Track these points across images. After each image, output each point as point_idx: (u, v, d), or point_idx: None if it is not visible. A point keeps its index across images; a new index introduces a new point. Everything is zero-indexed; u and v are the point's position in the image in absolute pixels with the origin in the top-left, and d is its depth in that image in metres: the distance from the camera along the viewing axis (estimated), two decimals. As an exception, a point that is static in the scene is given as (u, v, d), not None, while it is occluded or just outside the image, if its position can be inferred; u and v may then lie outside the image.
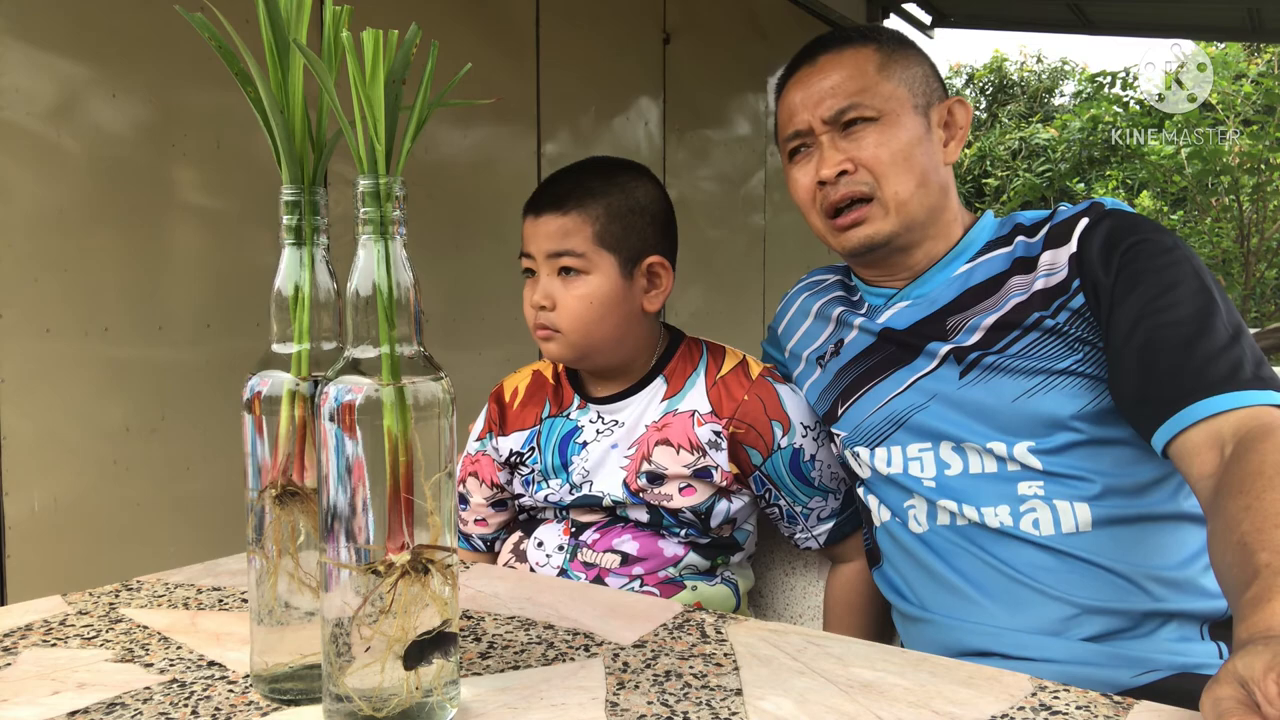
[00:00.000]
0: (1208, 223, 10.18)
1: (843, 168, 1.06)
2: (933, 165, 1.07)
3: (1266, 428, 0.82)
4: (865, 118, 1.05)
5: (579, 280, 1.14)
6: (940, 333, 1.06)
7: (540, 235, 1.15)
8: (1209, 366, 0.88)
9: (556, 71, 3.49)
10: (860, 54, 1.08)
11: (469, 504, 1.29)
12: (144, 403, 2.25)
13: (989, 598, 0.99)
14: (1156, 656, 0.92)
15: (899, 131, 1.05)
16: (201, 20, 0.66)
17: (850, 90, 1.06)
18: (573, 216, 1.13)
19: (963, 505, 1.01)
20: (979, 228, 1.10)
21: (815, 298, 1.22)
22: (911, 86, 1.08)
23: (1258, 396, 0.85)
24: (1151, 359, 0.92)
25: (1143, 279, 0.95)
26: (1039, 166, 11.53)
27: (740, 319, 4.62)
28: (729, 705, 0.66)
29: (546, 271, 1.15)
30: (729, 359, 1.21)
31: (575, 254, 1.13)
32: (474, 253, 3.12)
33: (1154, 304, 0.93)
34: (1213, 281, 0.96)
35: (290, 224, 0.68)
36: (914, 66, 1.09)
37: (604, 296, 1.14)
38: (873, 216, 1.06)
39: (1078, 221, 1.02)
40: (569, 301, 1.14)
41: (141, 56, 2.21)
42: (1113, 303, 0.96)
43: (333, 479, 0.61)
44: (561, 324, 1.14)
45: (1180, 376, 0.89)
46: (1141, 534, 0.96)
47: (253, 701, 0.68)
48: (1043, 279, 1.02)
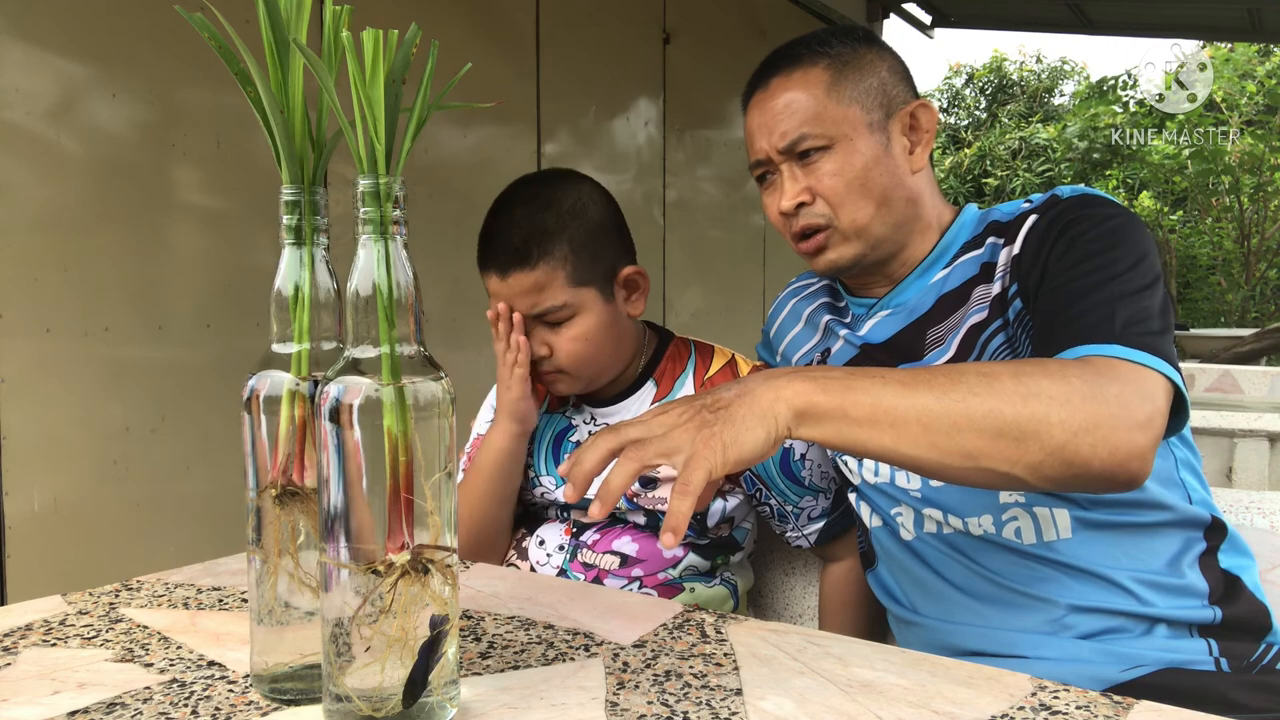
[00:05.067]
0: (1208, 223, 10.18)
1: (799, 199, 1.04)
2: (894, 181, 1.03)
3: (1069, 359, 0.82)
4: (817, 147, 1.02)
5: (567, 324, 1.12)
6: (919, 347, 1.05)
7: (514, 295, 1.12)
8: (1077, 322, 0.87)
9: (556, 71, 3.49)
10: (809, 76, 1.04)
11: None
12: (144, 403, 2.25)
13: (979, 602, 0.99)
14: (1146, 653, 0.92)
15: (853, 158, 1.02)
16: (201, 20, 0.66)
17: (800, 119, 1.02)
18: (541, 268, 1.10)
19: (948, 515, 1.01)
20: (957, 226, 1.07)
21: (804, 302, 1.21)
22: (866, 101, 1.03)
23: (1103, 349, 0.83)
24: (1040, 326, 0.92)
25: (1062, 259, 0.93)
26: (1039, 166, 11.53)
27: (740, 319, 4.62)
28: (729, 705, 0.66)
29: (531, 325, 1.13)
30: (717, 358, 1.21)
31: (554, 304, 1.11)
32: (474, 253, 3.11)
33: (1064, 275, 0.92)
34: (1135, 247, 0.92)
35: (290, 224, 0.68)
36: (869, 76, 1.04)
37: (597, 329, 1.13)
38: (833, 243, 1.05)
39: (1026, 219, 0.99)
40: (564, 345, 1.13)
41: (141, 56, 2.22)
42: (1035, 297, 0.95)
43: (333, 479, 0.61)
44: (565, 365, 1.13)
45: (1052, 334, 0.89)
46: (1122, 538, 0.96)
47: (253, 701, 0.68)
48: (998, 283, 1.00)
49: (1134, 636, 0.93)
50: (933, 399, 0.77)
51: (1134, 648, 0.93)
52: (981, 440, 0.77)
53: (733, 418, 0.75)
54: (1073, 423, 0.76)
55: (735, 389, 0.78)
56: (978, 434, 0.77)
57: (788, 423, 0.77)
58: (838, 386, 0.78)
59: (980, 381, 0.78)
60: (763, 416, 0.76)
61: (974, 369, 0.80)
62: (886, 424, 0.77)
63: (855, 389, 0.78)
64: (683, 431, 0.75)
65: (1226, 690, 0.90)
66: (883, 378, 0.79)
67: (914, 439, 0.77)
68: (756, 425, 0.75)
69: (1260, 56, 9.66)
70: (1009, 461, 0.77)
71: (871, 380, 0.79)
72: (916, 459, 0.78)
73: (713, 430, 0.74)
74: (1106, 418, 0.77)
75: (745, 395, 0.77)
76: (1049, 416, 0.76)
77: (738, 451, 0.74)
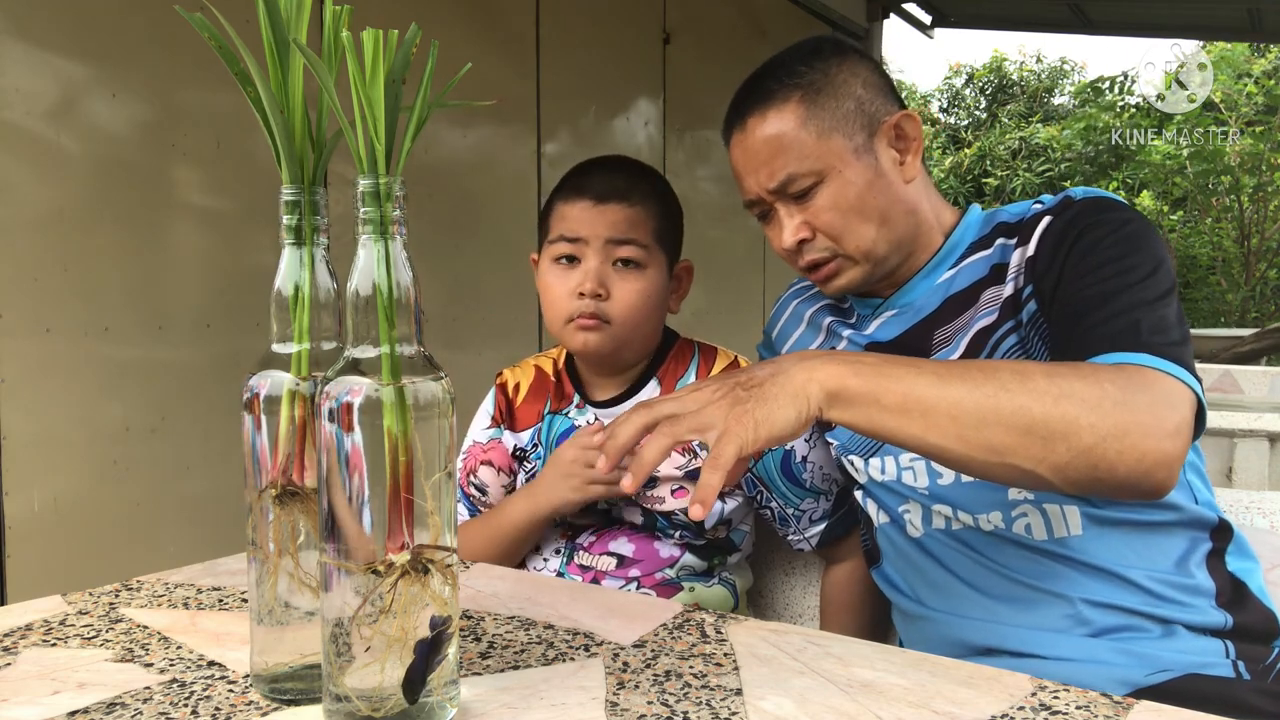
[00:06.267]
0: (1208, 223, 10.18)
1: (800, 236, 1.03)
2: (891, 199, 1.03)
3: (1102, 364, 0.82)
4: (807, 186, 1.01)
5: (636, 273, 1.14)
6: (925, 347, 1.05)
7: (603, 222, 1.13)
8: (1101, 328, 0.87)
9: (556, 71, 3.49)
10: (784, 112, 1.01)
11: (488, 493, 1.25)
12: (144, 403, 2.25)
13: (989, 597, 0.99)
14: (1169, 655, 0.92)
15: (845, 189, 1.01)
16: (201, 20, 0.66)
17: (784, 160, 1.01)
18: (639, 209, 1.14)
19: (957, 511, 1.01)
20: (963, 227, 1.07)
21: (806, 304, 1.21)
22: (846, 127, 1.01)
23: (1133, 357, 0.83)
24: (1061, 329, 0.92)
25: (1080, 264, 0.93)
26: (1039, 166, 11.53)
27: (740, 319, 4.62)
28: (729, 705, 0.66)
29: (599, 259, 1.13)
30: (720, 359, 1.21)
31: (640, 245, 1.13)
32: (474, 253, 3.12)
33: (1083, 279, 0.92)
34: (1152, 255, 0.93)
35: (290, 224, 0.68)
36: (845, 100, 1.02)
37: (654, 293, 1.15)
38: (842, 269, 1.05)
39: (1041, 220, 0.99)
40: (625, 294, 1.13)
41: (141, 56, 2.22)
42: (1052, 300, 0.94)
43: (333, 479, 0.61)
44: (614, 314, 1.12)
45: (1074, 339, 0.89)
46: (1132, 537, 0.96)
47: (253, 701, 0.68)
48: (1010, 284, 1.00)
49: (1153, 638, 0.93)
50: (965, 391, 0.78)
51: (1154, 649, 0.92)
52: (1009, 436, 0.77)
53: (765, 396, 0.77)
54: (1102, 427, 0.77)
55: (769, 368, 0.80)
56: (1006, 429, 0.77)
57: (819, 403, 0.78)
58: (871, 372, 0.79)
59: (1014, 378, 0.78)
60: (795, 396, 0.77)
61: (1009, 366, 0.81)
62: (917, 412, 0.78)
63: (888, 375, 0.79)
64: (716, 408, 0.76)
65: (1246, 696, 0.90)
66: (917, 367, 0.80)
67: (942, 429, 0.78)
68: (788, 404, 0.77)
69: (1255, 54, 9.66)
70: (1034, 460, 0.78)
71: (905, 368, 0.79)
72: (943, 449, 0.79)
73: (745, 408, 0.76)
74: (1136, 425, 0.78)
75: (779, 374, 0.78)
76: (1079, 419, 0.77)
77: (769, 429, 0.75)
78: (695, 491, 0.72)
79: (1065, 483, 0.79)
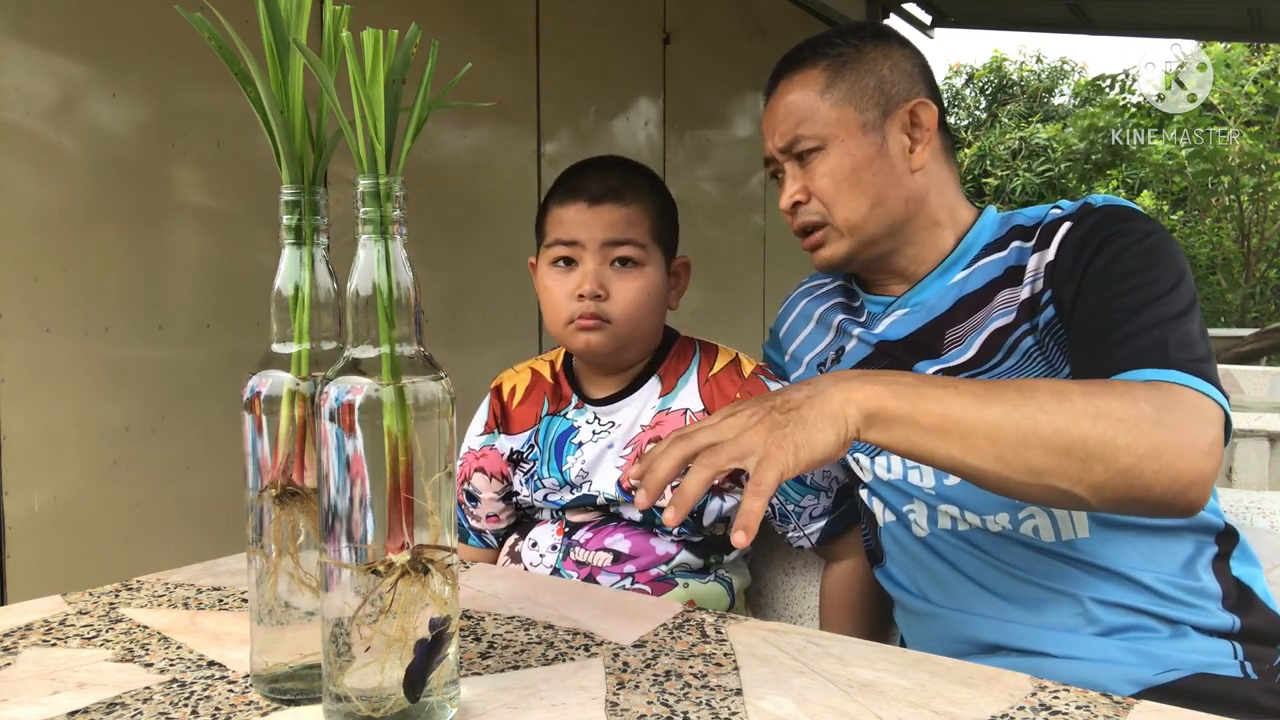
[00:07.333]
0: (1208, 223, 10.18)
1: (796, 198, 1.07)
2: (890, 181, 1.04)
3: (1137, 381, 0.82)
4: (811, 148, 1.05)
5: (635, 272, 1.14)
6: (937, 346, 1.05)
7: (599, 224, 1.14)
8: (1128, 344, 0.87)
9: (556, 71, 3.49)
10: (807, 78, 1.06)
11: (479, 500, 1.26)
12: (144, 403, 2.25)
13: (998, 595, 0.99)
14: (1178, 655, 0.92)
15: (844, 159, 1.04)
16: (201, 20, 0.66)
17: (796, 121, 1.05)
18: (633, 208, 1.15)
19: (964, 511, 1.01)
20: (979, 228, 1.07)
21: (816, 303, 1.21)
22: (861, 101, 1.04)
23: (1164, 374, 0.83)
24: (1085, 342, 0.92)
25: (1102, 275, 0.93)
26: (1039, 166, 11.54)
27: (740, 319, 4.62)
28: (729, 705, 0.66)
29: (597, 261, 1.14)
30: (721, 357, 1.21)
31: (637, 244, 1.14)
32: (474, 253, 3.12)
33: (1106, 291, 0.92)
34: (1174, 268, 0.93)
35: (290, 224, 0.68)
36: (867, 76, 1.05)
37: (654, 290, 1.15)
38: (829, 239, 1.07)
39: (1060, 226, 0.99)
40: (624, 293, 1.14)
41: (141, 56, 2.22)
42: (1073, 309, 0.95)
43: (333, 479, 0.61)
44: (614, 314, 1.13)
45: (1100, 353, 0.89)
46: (1139, 539, 0.96)
47: (253, 701, 0.68)
48: (1027, 288, 1.00)
49: (1163, 638, 0.93)
50: (1003, 413, 0.78)
51: (1164, 649, 0.92)
52: (1049, 457, 0.77)
53: (804, 419, 0.76)
54: (1139, 447, 0.77)
55: (805, 390, 0.79)
56: (1045, 451, 0.77)
57: (857, 425, 0.78)
58: (909, 392, 0.78)
59: (1052, 398, 0.78)
60: (833, 418, 0.77)
61: (1046, 385, 0.81)
62: (955, 434, 0.78)
63: (927, 396, 0.78)
64: (754, 434, 0.76)
65: (1254, 696, 0.90)
66: (954, 388, 0.79)
67: (981, 451, 0.77)
68: (827, 427, 0.76)
69: (1253, 54, 9.66)
70: (1072, 480, 0.78)
71: (944, 389, 0.79)
72: (981, 470, 0.79)
73: (784, 432, 0.75)
74: (1172, 444, 0.78)
75: (816, 396, 0.78)
76: (1116, 439, 0.77)
77: (810, 453, 0.75)
78: (738, 518, 0.72)
79: (1101, 502, 0.79)
